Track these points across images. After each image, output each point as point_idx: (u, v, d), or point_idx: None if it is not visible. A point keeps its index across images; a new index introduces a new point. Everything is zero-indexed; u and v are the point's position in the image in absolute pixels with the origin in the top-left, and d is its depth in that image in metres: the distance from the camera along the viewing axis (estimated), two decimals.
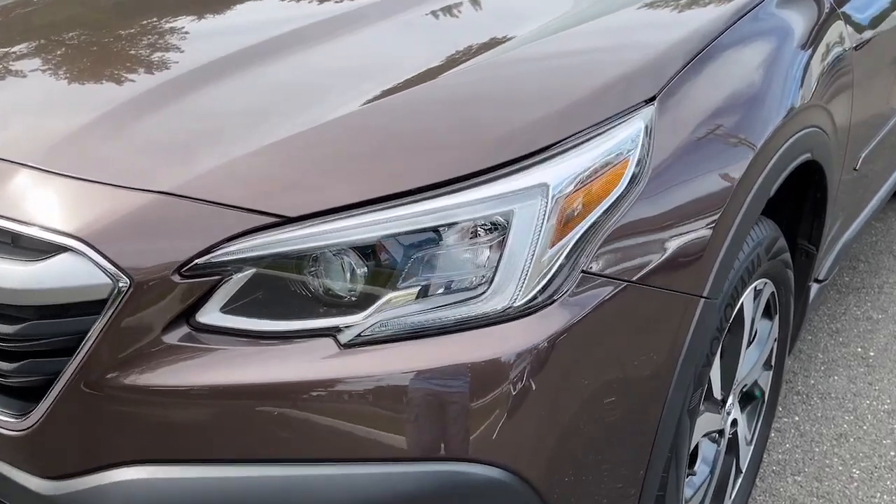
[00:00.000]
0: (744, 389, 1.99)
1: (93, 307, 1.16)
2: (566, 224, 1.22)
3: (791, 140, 1.65)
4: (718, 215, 1.41)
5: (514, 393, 1.16)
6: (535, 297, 1.19)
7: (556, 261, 1.20)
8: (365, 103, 1.35)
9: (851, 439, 2.51)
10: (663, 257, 1.33)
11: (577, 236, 1.23)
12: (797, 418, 2.61)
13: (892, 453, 2.45)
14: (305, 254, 1.17)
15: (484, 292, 1.17)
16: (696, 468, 1.84)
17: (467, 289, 1.17)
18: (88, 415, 1.19)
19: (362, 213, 1.16)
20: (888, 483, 2.33)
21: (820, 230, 2.11)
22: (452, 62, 1.47)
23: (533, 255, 1.18)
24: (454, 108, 1.34)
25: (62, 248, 1.16)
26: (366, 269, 1.17)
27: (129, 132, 1.31)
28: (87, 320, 1.16)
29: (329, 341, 1.16)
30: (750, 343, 1.92)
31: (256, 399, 1.14)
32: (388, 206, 1.16)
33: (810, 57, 1.88)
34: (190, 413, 1.17)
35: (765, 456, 2.43)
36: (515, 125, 1.27)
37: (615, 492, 1.40)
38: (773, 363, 2.12)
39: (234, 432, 1.15)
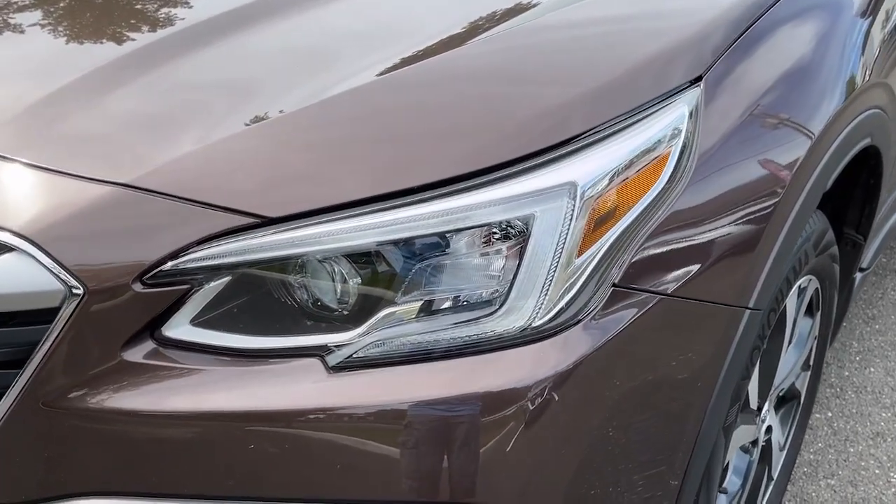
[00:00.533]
0: (780, 394, 1.81)
1: (43, 316, 1.00)
2: (597, 229, 1.04)
3: (852, 124, 1.45)
4: (770, 216, 1.23)
5: (530, 428, 0.99)
6: (556, 316, 1.01)
7: (583, 273, 1.03)
8: (368, 79, 1.17)
9: (889, 439, 2.34)
10: (705, 265, 1.15)
11: (609, 243, 1.05)
12: (830, 414, 2.45)
13: None
14: (289, 260, 0.99)
15: (497, 309, 1.00)
16: (726, 483, 1.68)
17: (478, 305, 1.00)
18: (41, 437, 1.03)
19: (357, 215, 0.98)
20: None
21: (871, 218, 1.91)
22: (473, 30, 1.28)
23: (556, 266, 1.00)
24: (466, 90, 1.15)
25: (5, 248, 1.00)
26: (360, 280, 1.00)
27: (87, 111, 1.13)
28: (37, 330, 1.00)
29: (315, 363, 0.99)
30: (789, 344, 1.75)
31: (229, 428, 0.98)
32: (387, 206, 0.99)
33: (870, 26, 1.66)
34: (155, 442, 1.01)
35: (798, 456, 2.27)
36: (539, 110, 1.08)
37: None
38: (811, 363, 1.94)
39: (204, 465, 1.00)
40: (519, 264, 1.00)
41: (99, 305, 0.98)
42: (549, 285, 1.00)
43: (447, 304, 1.00)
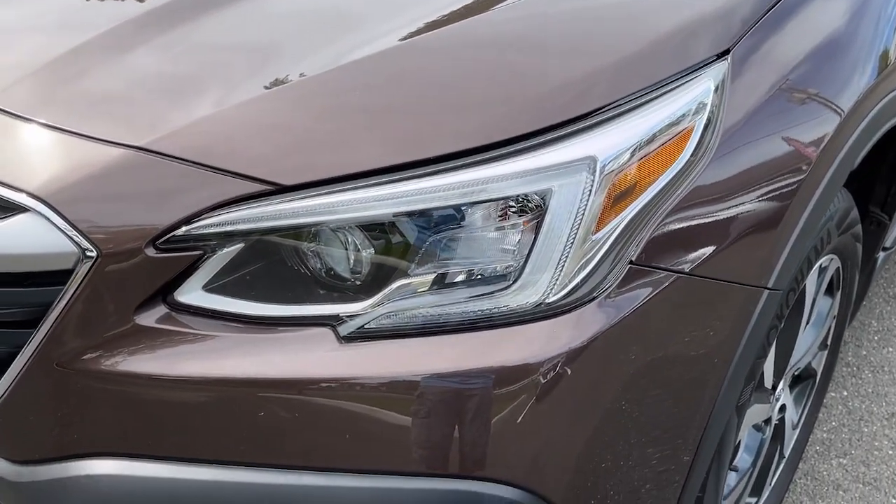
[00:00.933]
0: (795, 373, 1.80)
1: (57, 277, 1.00)
2: (615, 205, 1.02)
3: (884, 101, 1.41)
4: (794, 194, 1.20)
5: (541, 404, 0.98)
6: (571, 293, 1.00)
7: (600, 249, 1.01)
8: (389, 44, 1.14)
9: None
10: (726, 243, 1.13)
11: (627, 220, 1.03)
12: (846, 393, 2.43)
13: None
14: (303, 228, 0.98)
15: (511, 284, 0.99)
16: (737, 461, 1.67)
17: (492, 279, 0.99)
18: (55, 396, 1.04)
19: (373, 185, 0.97)
20: None
21: None
22: None
23: (572, 242, 0.99)
24: (488, 59, 1.12)
25: (20, 209, 0.99)
26: (373, 250, 0.99)
27: (104, 70, 1.11)
28: (52, 291, 1.00)
29: (327, 332, 0.99)
30: (807, 324, 1.72)
31: (239, 395, 0.98)
32: (403, 177, 0.97)
33: None
34: (166, 406, 1.01)
35: (811, 435, 2.26)
36: (560, 82, 1.06)
37: None
38: (828, 343, 1.92)
39: (213, 431, 1.00)
40: (535, 239, 0.98)
41: (112, 268, 0.98)
42: (565, 261, 0.99)
43: (461, 278, 0.99)
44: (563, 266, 0.99)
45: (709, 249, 1.11)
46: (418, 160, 0.97)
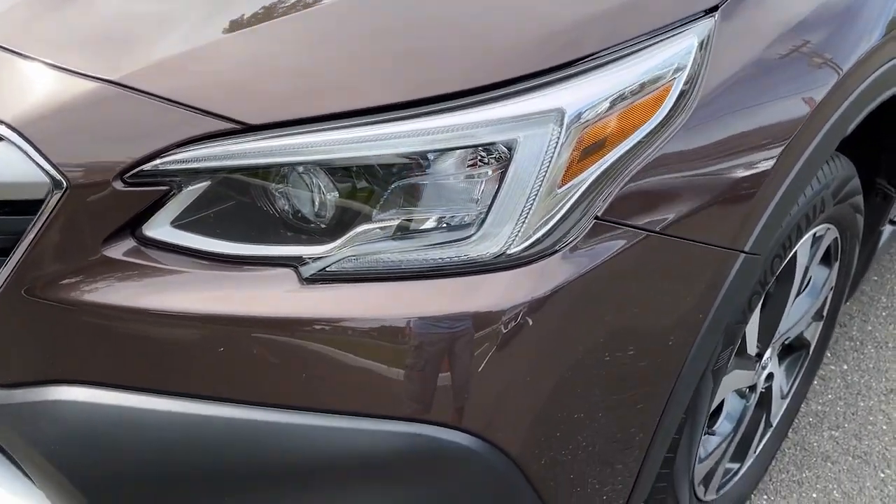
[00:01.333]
0: (786, 342, 1.79)
1: (29, 207, 1.02)
2: (583, 160, 1.01)
3: (885, 67, 1.38)
4: (776, 160, 1.18)
5: (501, 354, 0.99)
6: (534, 245, 1.00)
7: (565, 203, 1.01)
8: None
9: None
10: (700, 205, 1.12)
11: (596, 175, 1.02)
12: (846, 367, 2.41)
13: None
14: (268, 169, 0.99)
15: (474, 234, 0.99)
16: (717, 426, 1.67)
17: (454, 228, 0.99)
18: (25, 324, 1.07)
19: (338, 129, 0.97)
20: None
21: None
22: None
23: (536, 194, 0.98)
24: (459, 6, 1.11)
25: None
26: (337, 194, 1.00)
27: (81, 5, 1.12)
28: (23, 220, 1.02)
29: (290, 273, 1.00)
30: (800, 293, 1.71)
31: (201, 330, 1.00)
32: (367, 122, 0.97)
33: None
34: (131, 337, 1.03)
35: (802, 405, 2.25)
36: (532, 32, 1.05)
37: (612, 467, 1.25)
38: (824, 314, 1.90)
39: (175, 364, 1.02)
40: (498, 190, 0.98)
41: (81, 200, 0.99)
42: (528, 213, 0.99)
43: (424, 225, 1.00)
44: (526, 217, 0.99)
45: (681, 209, 1.10)
46: (384, 105, 0.97)
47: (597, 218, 1.03)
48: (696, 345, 1.22)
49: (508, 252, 0.99)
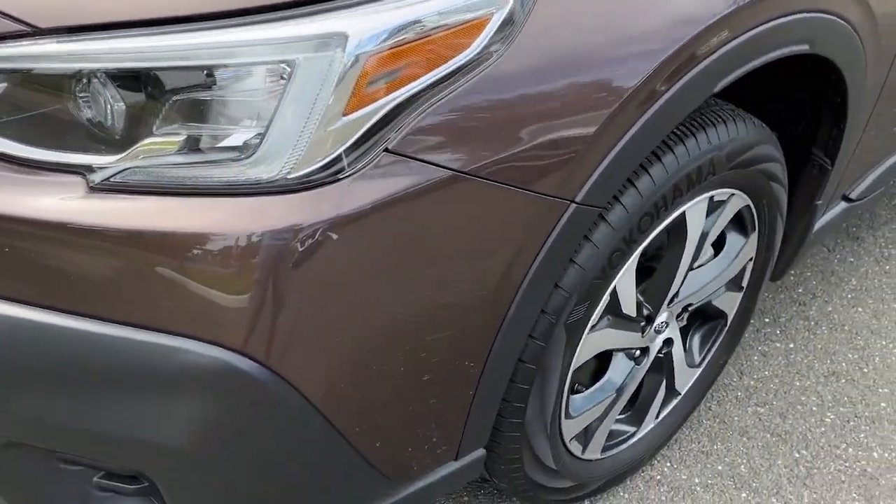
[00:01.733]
0: (689, 308, 1.74)
1: None
2: (373, 88, 0.99)
3: (772, 24, 1.31)
4: (614, 106, 1.14)
5: (274, 279, 0.99)
6: (314, 172, 0.99)
7: (352, 132, 0.99)
8: None
9: (843, 380, 2.24)
10: (518, 148, 1.09)
11: (391, 106, 1.00)
12: (792, 345, 2.34)
13: (884, 404, 2.17)
14: (58, 74, 1.00)
15: (252, 154, 0.98)
16: (599, 385, 1.64)
17: (233, 148, 0.99)
18: None
19: (123, 38, 0.97)
20: (861, 436, 2.07)
21: (838, 141, 1.75)
22: None
23: (317, 119, 0.97)
24: None
25: None
26: (123, 105, 1.00)
27: None
28: None
29: (79, 181, 1.01)
30: (697, 258, 1.66)
31: None
32: (152, 32, 0.97)
33: None
34: None
35: (735, 379, 2.21)
36: None
37: (432, 411, 1.25)
38: (743, 285, 1.84)
39: None
40: (276, 112, 0.97)
41: None
42: (308, 138, 0.98)
43: (206, 143, 0.99)
44: (305, 143, 0.98)
45: (496, 151, 1.08)
46: (168, 17, 0.97)
47: (388, 150, 1.01)
48: (521, 294, 1.20)
49: (289, 176, 0.98)
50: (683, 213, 1.49)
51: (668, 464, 1.97)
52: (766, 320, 2.42)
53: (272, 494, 1.18)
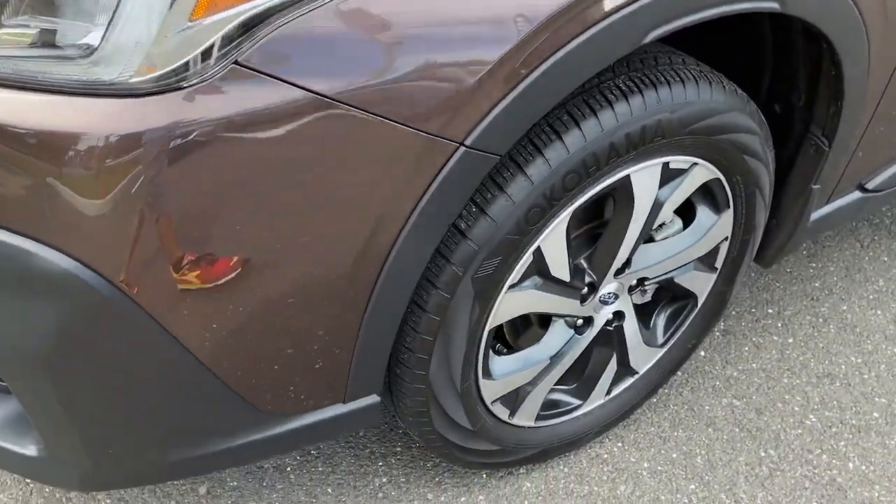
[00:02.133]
0: (646, 283, 1.63)
1: None
2: None
3: None
4: (513, 42, 1.05)
5: (99, 183, 0.96)
6: (158, 78, 0.95)
7: (200, 41, 0.94)
8: None
9: (837, 383, 2.08)
10: (394, 75, 1.02)
11: (246, 16, 0.95)
12: (791, 341, 2.19)
13: (876, 414, 2.01)
14: None
15: (92, 53, 0.95)
16: (529, 350, 1.56)
17: (74, 46, 0.95)
18: None
19: None
20: (841, 444, 1.93)
21: (836, 120, 1.60)
22: None
23: (159, 22, 0.93)
24: None
25: None
26: None
27: None
28: None
29: None
30: (647, 229, 1.55)
31: None
32: None
33: None
34: None
35: (718, 368, 2.08)
36: None
37: (305, 347, 1.21)
38: (717, 266, 1.72)
39: None
40: (116, 10, 0.93)
41: None
42: (149, 40, 0.93)
43: (52, 39, 0.96)
44: (146, 47, 0.93)
45: (368, 77, 1.01)
46: None
47: (238, 63, 0.96)
48: (404, 236, 1.14)
49: (127, 80, 0.94)
50: (629, 177, 1.38)
51: (620, 444, 1.88)
52: (770, 311, 2.27)
53: (121, 409, 1.17)
